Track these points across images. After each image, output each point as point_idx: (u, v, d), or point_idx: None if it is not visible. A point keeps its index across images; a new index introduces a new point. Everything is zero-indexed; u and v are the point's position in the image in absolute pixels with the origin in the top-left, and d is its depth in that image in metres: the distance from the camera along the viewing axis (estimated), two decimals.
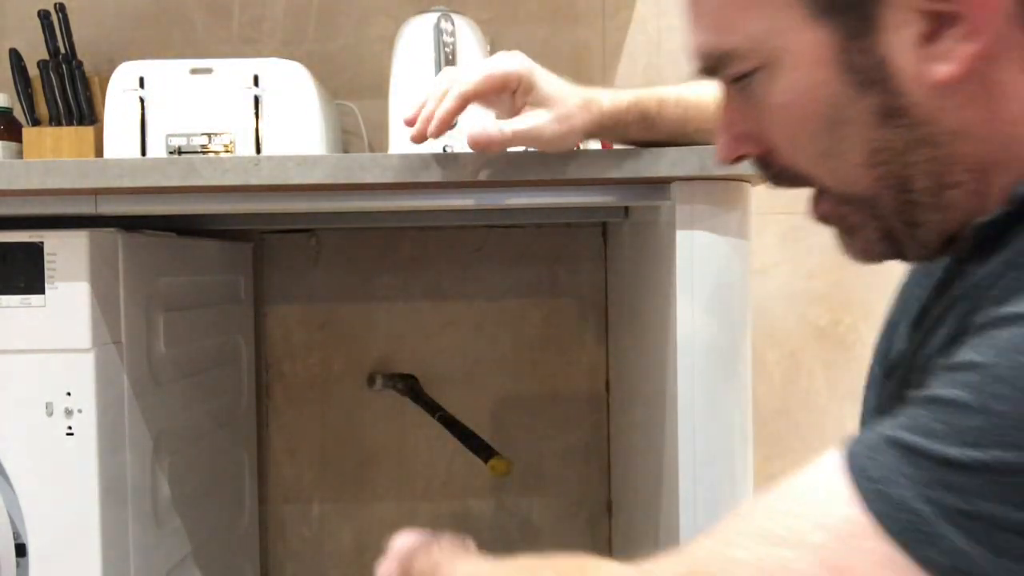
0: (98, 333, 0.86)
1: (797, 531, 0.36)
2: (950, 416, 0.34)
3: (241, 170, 0.78)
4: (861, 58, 0.43)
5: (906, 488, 0.34)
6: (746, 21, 0.45)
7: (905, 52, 0.42)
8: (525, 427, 1.41)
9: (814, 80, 0.44)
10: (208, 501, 1.18)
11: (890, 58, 0.42)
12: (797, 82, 0.45)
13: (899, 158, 0.44)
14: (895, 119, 0.43)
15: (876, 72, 0.43)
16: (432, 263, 1.41)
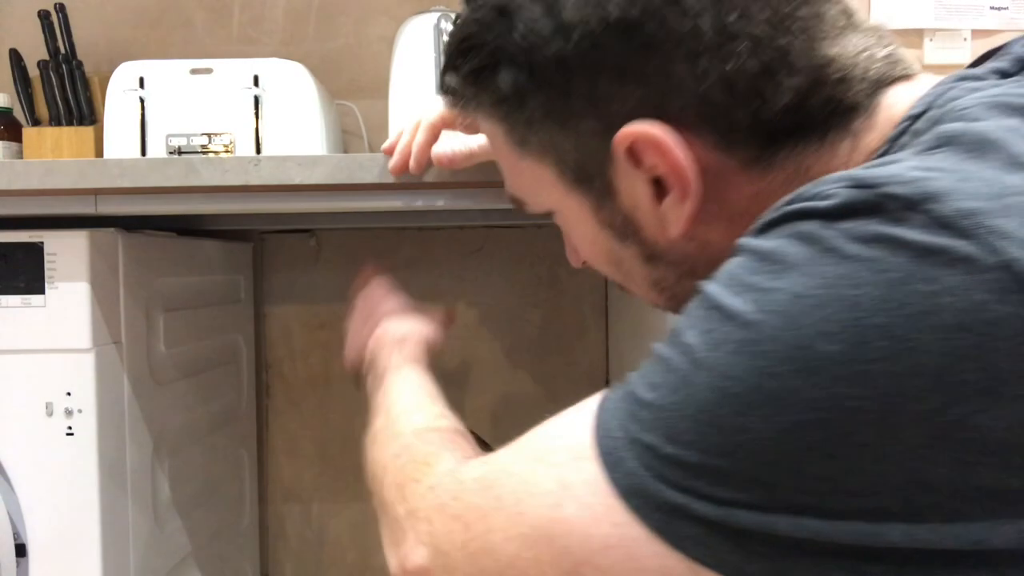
0: (98, 333, 0.86)
1: (551, 450, 0.43)
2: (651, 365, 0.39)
3: (241, 170, 0.78)
4: (612, 217, 0.47)
5: (613, 417, 0.39)
6: (527, 186, 0.51)
7: (643, 212, 0.46)
8: (525, 427, 1.41)
9: (589, 232, 0.50)
10: (208, 501, 1.18)
11: (632, 216, 0.47)
12: (579, 233, 0.51)
13: (675, 286, 0.49)
14: (656, 261, 0.48)
15: (627, 228, 0.47)
16: (432, 263, 1.41)
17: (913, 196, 0.32)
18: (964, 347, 0.30)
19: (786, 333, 0.33)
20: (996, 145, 0.33)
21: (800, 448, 0.32)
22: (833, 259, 0.33)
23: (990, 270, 0.30)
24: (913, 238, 0.31)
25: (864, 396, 0.31)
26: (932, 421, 0.30)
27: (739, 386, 0.33)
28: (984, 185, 0.32)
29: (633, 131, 0.42)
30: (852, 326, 0.31)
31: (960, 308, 0.30)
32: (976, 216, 0.31)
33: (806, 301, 0.32)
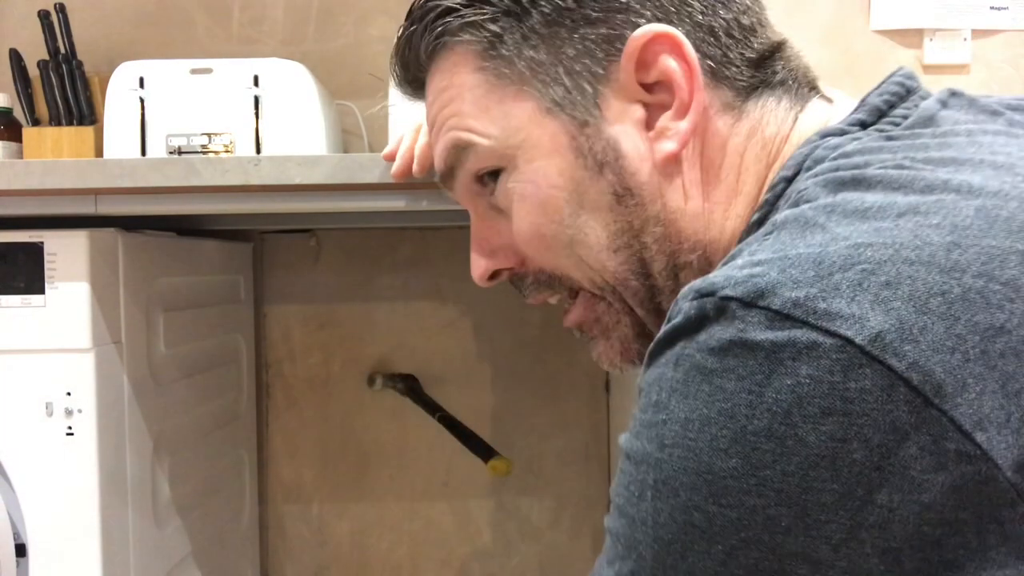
0: (98, 333, 0.86)
1: None
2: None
3: (241, 170, 0.78)
4: (592, 143, 0.48)
5: None
6: (486, 121, 0.50)
7: (630, 135, 0.47)
8: (525, 427, 1.41)
9: (555, 168, 0.48)
10: (208, 501, 1.18)
11: (618, 141, 0.47)
12: (539, 172, 0.49)
13: (637, 239, 0.49)
14: (627, 198, 0.48)
15: (607, 155, 0.47)
16: (432, 263, 1.41)
17: (747, 296, 0.33)
18: (838, 430, 0.31)
19: (688, 462, 0.34)
20: (814, 225, 0.36)
21: (744, 571, 0.33)
22: (700, 377, 0.34)
23: (832, 351, 0.31)
24: (759, 337, 0.32)
25: (773, 503, 0.32)
26: (845, 509, 0.31)
27: (671, 530, 0.35)
28: (804, 270, 0.33)
29: (651, 30, 0.45)
30: (738, 437, 0.32)
31: (822, 394, 0.31)
32: (804, 304, 0.32)
33: (693, 424, 0.34)
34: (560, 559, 1.44)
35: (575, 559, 1.44)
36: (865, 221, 0.35)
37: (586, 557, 1.43)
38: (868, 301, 0.31)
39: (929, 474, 0.30)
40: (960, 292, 0.31)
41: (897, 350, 0.31)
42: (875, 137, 0.42)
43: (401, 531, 1.44)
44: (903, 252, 0.33)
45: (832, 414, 0.31)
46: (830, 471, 0.31)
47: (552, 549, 1.44)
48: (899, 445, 0.30)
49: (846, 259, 0.33)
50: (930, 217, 0.34)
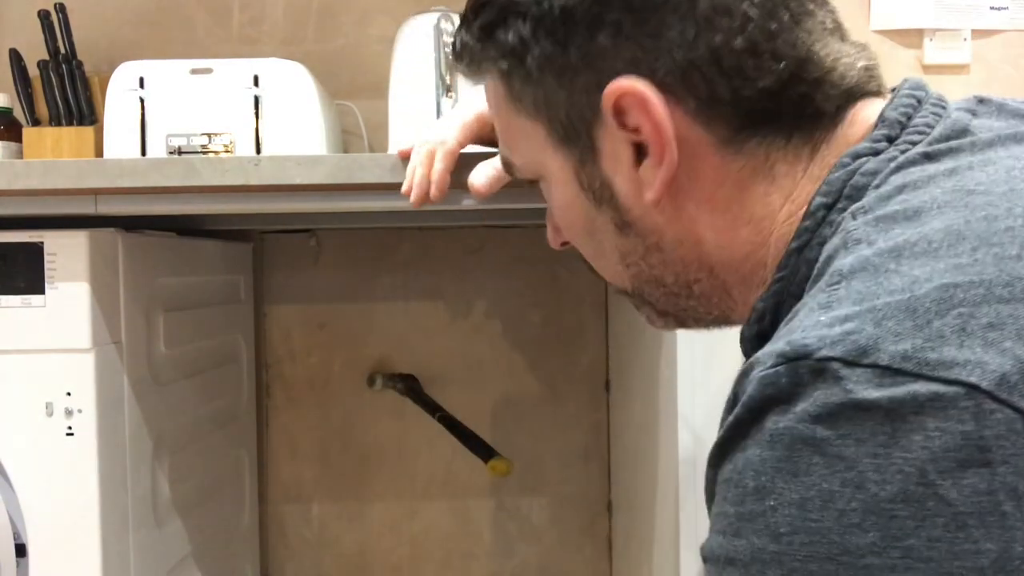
0: (98, 333, 0.86)
1: None
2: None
3: (241, 170, 0.78)
4: (591, 180, 0.49)
5: None
6: (518, 146, 0.53)
7: (622, 177, 0.47)
8: (525, 427, 1.41)
9: (568, 196, 0.51)
10: (208, 501, 1.18)
11: (612, 181, 0.48)
12: (560, 196, 0.52)
13: (642, 261, 0.51)
14: (627, 230, 0.49)
15: (604, 192, 0.49)
16: (432, 263, 1.41)
17: (849, 355, 0.32)
18: (981, 483, 0.29)
19: (816, 547, 0.31)
20: (886, 271, 0.34)
21: None
22: (809, 449, 0.32)
23: (958, 400, 0.30)
24: (875, 396, 0.31)
25: (921, 573, 0.29)
26: (1004, 570, 0.29)
27: None
28: (901, 320, 0.32)
29: (621, 85, 0.44)
30: (871, 507, 0.30)
31: (956, 446, 0.29)
32: (914, 356, 0.31)
33: (814, 503, 0.31)
34: (560, 559, 1.44)
35: (575, 559, 1.44)
36: (939, 260, 0.34)
37: (586, 557, 1.44)
38: (978, 345, 0.30)
39: None
40: None
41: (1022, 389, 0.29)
42: (912, 156, 0.41)
43: (401, 531, 1.44)
44: (995, 290, 0.32)
45: (971, 466, 0.29)
46: (980, 530, 0.29)
47: (552, 549, 1.44)
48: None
49: (939, 303, 0.32)
50: (1008, 248, 0.33)
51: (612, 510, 1.42)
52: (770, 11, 0.44)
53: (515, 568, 1.44)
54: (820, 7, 0.46)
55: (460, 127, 0.73)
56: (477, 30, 0.50)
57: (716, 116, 0.44)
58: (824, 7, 0.46)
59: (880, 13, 1.33)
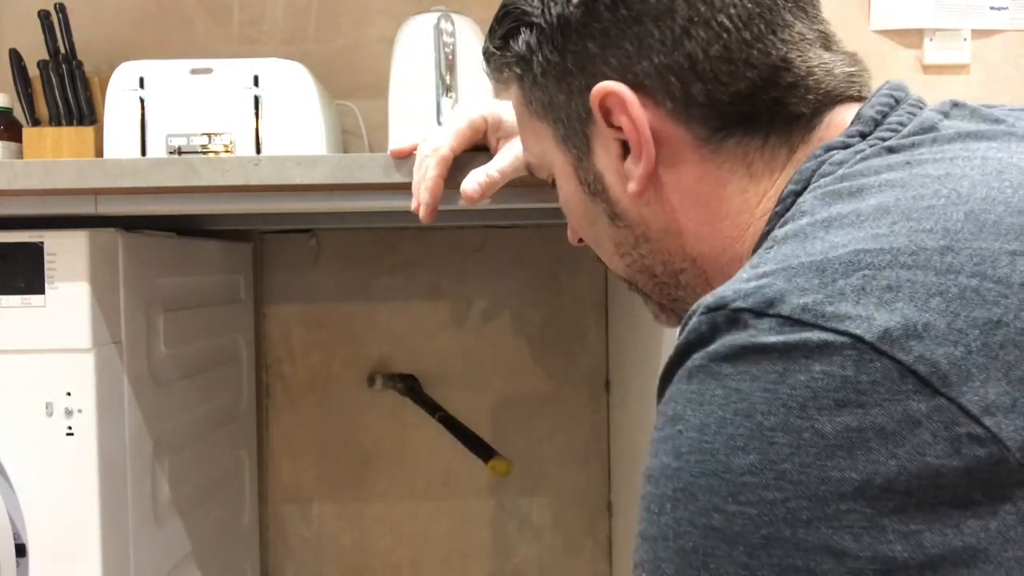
0: (98, 333, 0.86)
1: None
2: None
3: (241, 170, 0.78)
4: (587, 175, 0.54)
5: None
6: (532, 146, 0.59)
7: (610, 171, 0.52)
8: (525, 427, 1.41)
9: (570, 190, 0.56)
10: (208, 501, 1.18)
11: (603, 175, 0.53)
12: (565, 190, 0.57)
13: (633, 251, 0.55)
14: (618, 221, 0.54)
15: (597, 185, 0.54)
16: (432, 263, 1.41)
17: (757, 306, 0.35)
18: (854, 420, 0.32)
19: (705, 464, 0.35)
20: (812, 237, 0.38)
21: (769, 571, 0.33)
22: (714, 383, 0.36)
23: (843, 348, 0.33)
24: (772, 340, 0.34)
25: (792, 496, 0.33)
26: (864, 497, 0.32)
27: (692, 538, 0.35)
28: (809, 278, 0.35)
29: (604, 87, 0.49)
30: (755, 433, 0.34)
31: (835, 387, 0.33)
32: (813, 309, 0.34)
33: (710, 428, 0.35)
34: (560, 559, 1.44)
35: (575, 559, 1.44)
36: (861, 229, 0.37)
37: (586, 557, 1.44)
38: (873, 303, 0.34)
39: (943, 459, 0.32)
40: (957, 291, 0.34)
41: (903, 345, 0.33)
42: (877, 149, 0.44)
43: (401, 531, 1.44)
44: (900, 257, 0.35)
45: (847, 405, 0.32)
46: (848, 460, 0.32)
47: (552, 549, 1.44)
48: (912, 432, 0.32)
49: (847, 265, 0.35)
50: (923, 223, 0.36)
51: (612, 510, 1.42)
52: (745, 22, 0.47)
53: (515, 568, 1.44)
54: (801, 19, 0.49)
55: (453, 134, 0.74)
56: (498, 39, 0.55)
57: (693, 117, 0.48)
58: (806, 19, 0.49)
59: (880, 13, 1.33)
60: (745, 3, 0.47)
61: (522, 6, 0.53)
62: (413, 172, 0.76)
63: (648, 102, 0.48)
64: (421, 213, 0.74)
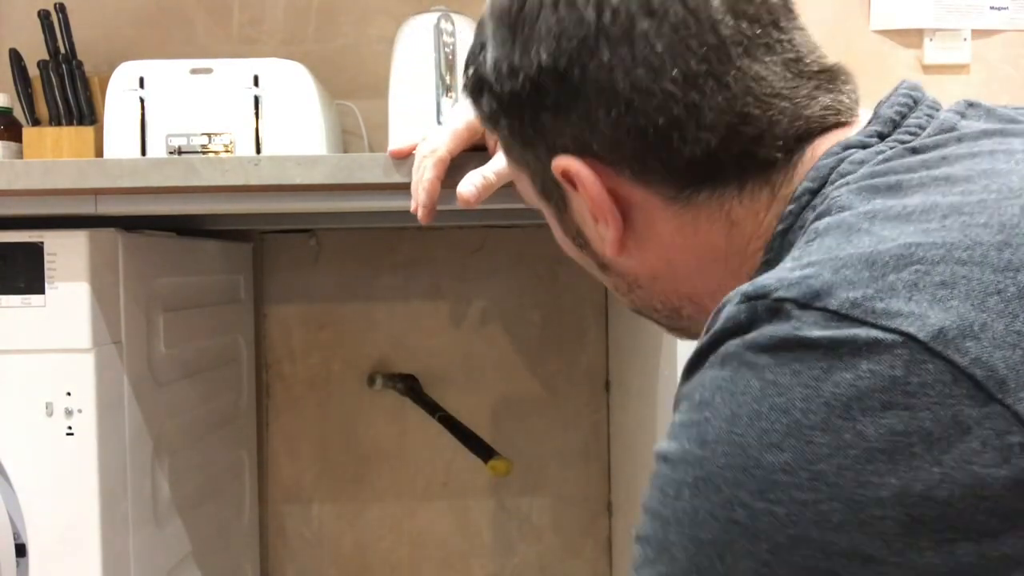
0: (98, 333, 0.86)
1: None
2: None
3: (241, 170, 0.78)
4: (569, 228, 0.54)
5: None
6: (519, 186, 0.57)
7: (588, 229, 0.52)
8: (525, 427, 1.41)
9: (559, 235, 0.56)
10: (208, 501, 1.18)
11: (582, 231, 0.53)
12: (555, 232, 0.57)
13: (630, 293, 0.55)
14: (607, 271, 0.54)
15: (580, 239, 0.53)
16: (432, 263, 1.41)
17: (802, 297, 0.34)
18: (899, 424, 0.31)
19: (734, 457, 0.33)
20: (858, 230, 0.36)
21: (787, 570, 0.32)
22: (750, 373, 0.34)
23: (894, 347, 0.31)
24: (817, 335, 0.33)
25: (826, 498, 0.32)
26: (902, 504, 0.31)
27: (711, 529, 0.34)
28: (858, 270, 0.34)
29: (559, 163, 0.48)
30: (792, 431, 0.32)
31: (882, 388, 0.31)
32: (862, 304, 0.33)
33: (741, 420, 0.34)
34: (560, 559, 1.44)
35: (575, 559, 1.44)
36: (910, 223, 0.35)
37: (586, 557, 1.44)
38: (926, 300, 0.32)
39: (991, 468, 0.30)
40: (1016, 291, 0.32)
41: (959, 346, 0.31)
42: (900, 150, 0.42)
43: (401, 531, 1.44)
44: (955, 252, 0.33)
45: (893, 408, 0.31)
46: (888, 465, 0.31)
47: (552, 549, 1.44)
48: (961, 439, 0.30)
49: (899, 259, 0.34)
50: (976, 217, 0.35)
51: (612, 510, 1.42)
52: (692, 83, 0.44)
53: (515, 568, 1.44)
54: (760, 56, 0.45)
55: (451, 136, 0.74)
56: (469, 91, 0.54)
57: (653, 181, 0.47)
58: (768, 52, 0.45)
59: (880, 13, 1.33)
60: (689, 62, 0.44)
61: (481, 71, 0.52)
62: (412, 173, 0.76)
63: (608, 171, 0.47)
64: (419, 214, 0.74)
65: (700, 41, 0.44)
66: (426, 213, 0.74)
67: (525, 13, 0.47)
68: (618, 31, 0.44)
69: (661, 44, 0.44)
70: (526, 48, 0.47)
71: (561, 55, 0.46)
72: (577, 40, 0.45)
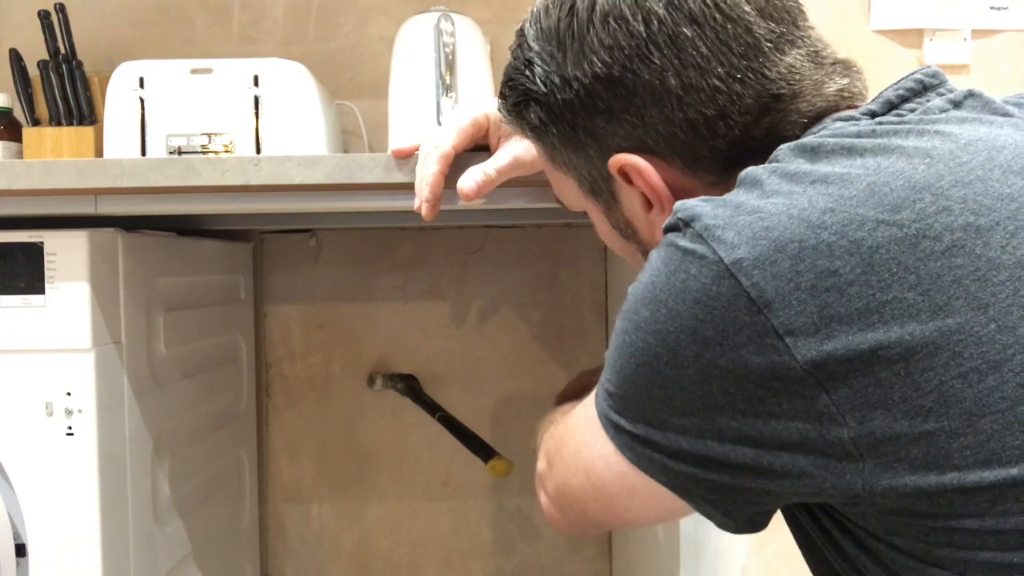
0: (98, 333, 0.86)
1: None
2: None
3: (241, 170, 0.78)
4: (617, 221, 0.61)
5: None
6: (563, 191, 0.64)
7: (638, 220, 0.59)
8: (525, 427, 1.41)
9: (605, 230, 0.63)
10: (208, 501, 1.18)
11: (632, 221, 0.60)
12: (600, 229, 0.64)
13: None
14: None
15: (628, 230, 0.60)
16: (432, 263, 1.41)
17: (685, 218, 0.46)
18: (700, 314, 0.44)
19: (630, 305, 0.48)
20: (756, 182, 0.47)
21: (644, 379, 0.48)
22: (653, 261, 0.48)
23: (712, 263, 0.44)
24: (681, 244, 0.46)
25: (660, 345, 0.46)
26: (697, 364, 0.45)
27: (618, 339, 0.50)
28: (726, 210, 0.45)
29: (618, 160, 0.55)
30: (652, 298, 0.47)
31: (697, 288, 0.45)
32: (711, 231, 0.45)
33: (640, 283, 0.48)
34: (560, 559, 1.44)
35: (575, 559, 1.44)
36: (788, 183, 0.46)
37: (586, 557, 1.44)
38: (746, 238, 0.44)
39: (752, 356, 0.43)
40: (813, 244, 0.43)
41: (748, 272, 0.43)
42: (869, 122, 0.49)
43: (401, 531, 1.44)
44: (791, 210, 0.44)
45: (699, 303, 0.44)
46: (690, 339, 0.45)
47: (552, 549, 1.44)
48: (736, 332, 0.44)
49: (753, 209, 0.45)
50: (828, 187, 0.45)
51: None
52: (734, 76, 0.52)
53: (515, 568, 1.44)
54: (787, 49, 0.53)
55: (456, 132, 0.74)
56: (510, 107, 0.60)
57: (701, 169, 0.54)
58: (792, 47, 0.53)
59: (880, 13, 1.33)
60: (731, 59, 0.52)
61: (527, 84, 0.57)
62: (416, 170, 0.75)
63: (660, 164, 0.54)
64: (423, 210, 0.74)
65: (738, 41, 0.52)
66: (430, 208, 0.74)
67: (574, 30, 0.54)
68: (666, 39, 0.52)
69: (705, 46, 0.51)
70: (578, 61, 0.54)
71: (614, 64, 0.53)
72: (629, 49, 0.52)
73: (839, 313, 0.42)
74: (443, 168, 0.74)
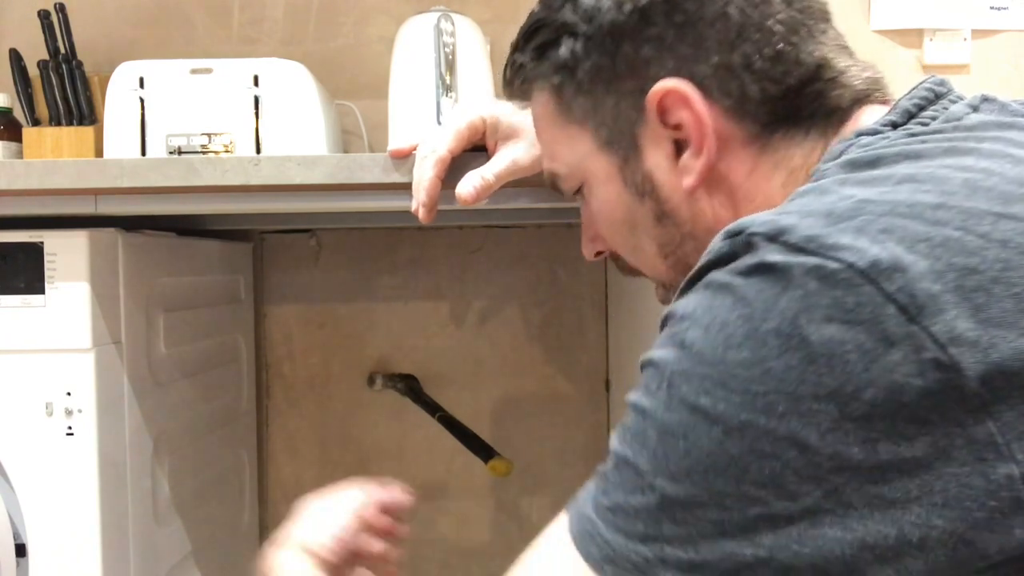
0: (98, 333, 0.86)
1: None
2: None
3: (241, 170, 0.78)
4: (634, 175, 0.56)
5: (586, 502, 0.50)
6: (563, 155, 0.60)
7: (662, 169, 0.55)
8: (525, 427, 1.41)
9: (612, 194, 0.58)
10: (208, 501, 1.18)
11: (653, 175, 0.55)
12: (603, 196, 0.59)
13: (678, 250, 0.58)
14: (665, 220, 0.56)
15: (646, 185, 0.56)
16: (432, 263, 1.41)
17: (769, 232, 0.40)
18: (837, 334, 0.37)
19: (703, 356, 0.40)
20: (827, 191, 0.43)
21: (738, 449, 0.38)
22: (724, 292, 0.41)
23: (837, 272, 0.38)
24: (776, 260, 0.39)
25: (773, 391, 0.38)
26: (835, 402, 0.37)
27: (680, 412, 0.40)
28: (818, 218, 0.40)
29: (666, 85, 0.52)
30: (751, 334, 0.39)
31: (825, 304, 0.37)
32: (815, 239, 0.39)
33: (713, 328, 0.40)
34: None
35: None
36: (870, 187, 0.42)
37: None
38: (867, 240, 0.38)
39: (909, 378, 0.36)
40: (941, 239, 0.38)
41: (889, 276, 0.37)
42: (901, 134, 0.48)
43: None
44: (898, 208, 0.39)
45: (833, 321, 0.37)
46: (826, 368, 0.37)
47: None
48: (886, 352, 0.36)
49: (851, 211, 0.40)
50: (923, 185, 0.41)
51: None
52: (792, 27, 0.52)
53: None
54: (831, 28, 0.54)
55: (452, 135, 0.74)
56: (532, 51, 0.58)
57: (747, 113, 0.52)
58: (832, 31, 0.54)
59: (880, 13, 1.33)
60: (790, 12, 0.52)
61: (562, 18, 0.55)
62: (413, 172, 0.76)
63: (706, 100, 0.52)
64: (420, 214, 0.74)
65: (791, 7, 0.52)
66: (427, 212, 0.74)
67: None
68: None
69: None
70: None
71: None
72: None
73: (992, 316, 0.36)
74: (439, 172, 0.74)
